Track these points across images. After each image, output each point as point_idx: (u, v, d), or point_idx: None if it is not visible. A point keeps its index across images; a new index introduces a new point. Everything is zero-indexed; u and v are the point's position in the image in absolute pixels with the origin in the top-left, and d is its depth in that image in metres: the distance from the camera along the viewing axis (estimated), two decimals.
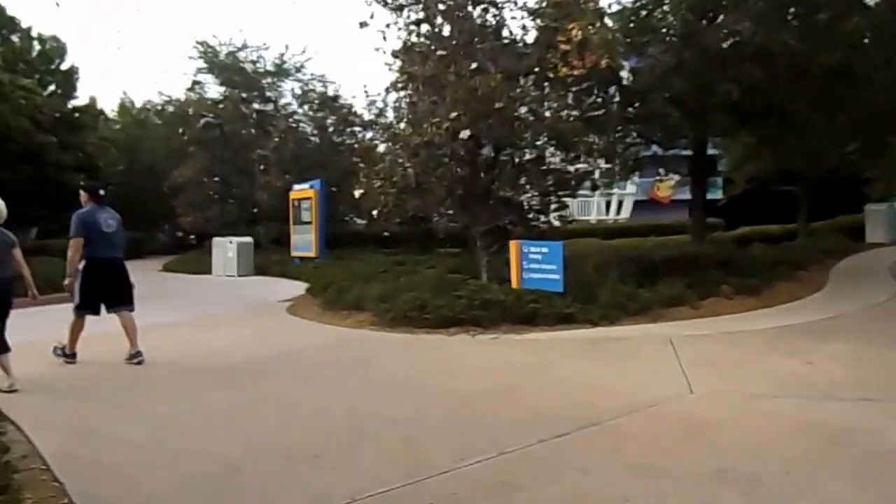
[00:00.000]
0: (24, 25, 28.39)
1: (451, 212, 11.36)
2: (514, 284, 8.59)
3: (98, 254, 6.44)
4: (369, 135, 20.53)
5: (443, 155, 9.77)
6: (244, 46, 23.95)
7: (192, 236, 24.47)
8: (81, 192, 6.70)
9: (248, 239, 18.22)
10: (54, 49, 28.85)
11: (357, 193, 10.63)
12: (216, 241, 18.30)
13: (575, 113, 10.67)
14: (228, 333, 8.26)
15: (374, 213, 10.76)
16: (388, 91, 10.41)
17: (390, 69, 10.01)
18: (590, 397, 4.79)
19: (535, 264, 8.44)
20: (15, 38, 28.15)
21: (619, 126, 11.30)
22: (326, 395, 5.19)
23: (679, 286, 8.79)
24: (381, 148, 10.84)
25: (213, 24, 60.70)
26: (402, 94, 10.27)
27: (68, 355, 6.50)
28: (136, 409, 4.95)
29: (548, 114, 10.16)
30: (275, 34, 60.67)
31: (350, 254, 17.97)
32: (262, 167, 20.54)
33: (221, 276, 17.37)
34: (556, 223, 10.84)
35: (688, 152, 13.83)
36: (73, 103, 28.79)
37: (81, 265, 6.42)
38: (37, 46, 28.52)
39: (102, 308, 6.64)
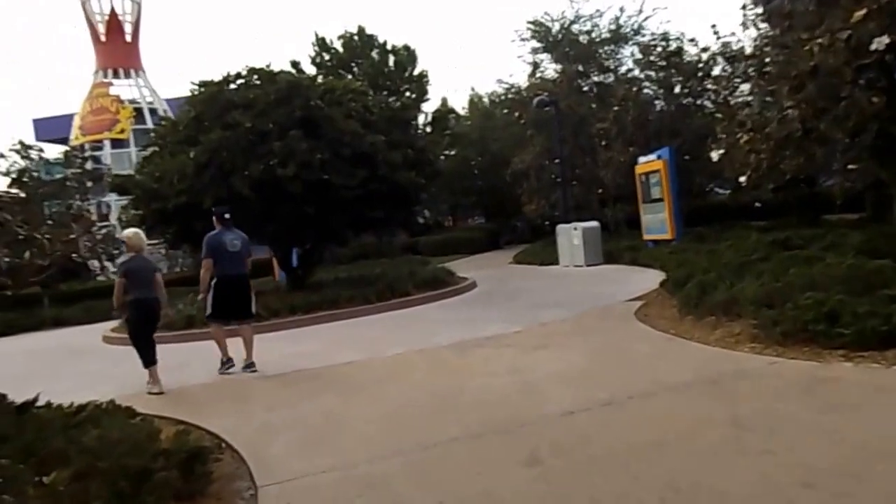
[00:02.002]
0: (380, 40, 31.66)
1: (852, 166, 7.99)
2: None
3: (225, 271, 7.26)
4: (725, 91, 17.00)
5: (842, 82, 6.61)
6: (577, 18, 22.35)
7: (547, 222, 23.81)
8: (213, 217, 7.53)
9: (595, 223, 16.51)
10: (406, 58, 31.53)
11: (715, 156, 8.00)
12: (560, 228, 17.05)
13: None
14: (552, 356, 6.49)
15: (743, 179, 8.02)
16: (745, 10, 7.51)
17: None
18: None
19: None
20: (374, 55, 31.55)
21: None
22: None
23: None
24: (744, 89, 7.97)
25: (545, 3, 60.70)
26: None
27: (225, 363, 7.24)
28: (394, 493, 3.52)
29: None
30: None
31: (714, 232, 15.08)
32: (603, 142, 18.69)
33: (568, 267, 16.08)
34: None
35: None
36: (425, 106, 31.18)
37: (213, 281, 7.22)
38: (391, 58, 31.53)
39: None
